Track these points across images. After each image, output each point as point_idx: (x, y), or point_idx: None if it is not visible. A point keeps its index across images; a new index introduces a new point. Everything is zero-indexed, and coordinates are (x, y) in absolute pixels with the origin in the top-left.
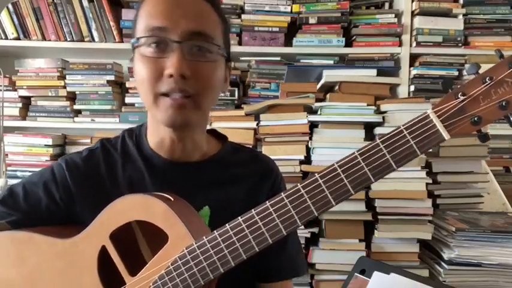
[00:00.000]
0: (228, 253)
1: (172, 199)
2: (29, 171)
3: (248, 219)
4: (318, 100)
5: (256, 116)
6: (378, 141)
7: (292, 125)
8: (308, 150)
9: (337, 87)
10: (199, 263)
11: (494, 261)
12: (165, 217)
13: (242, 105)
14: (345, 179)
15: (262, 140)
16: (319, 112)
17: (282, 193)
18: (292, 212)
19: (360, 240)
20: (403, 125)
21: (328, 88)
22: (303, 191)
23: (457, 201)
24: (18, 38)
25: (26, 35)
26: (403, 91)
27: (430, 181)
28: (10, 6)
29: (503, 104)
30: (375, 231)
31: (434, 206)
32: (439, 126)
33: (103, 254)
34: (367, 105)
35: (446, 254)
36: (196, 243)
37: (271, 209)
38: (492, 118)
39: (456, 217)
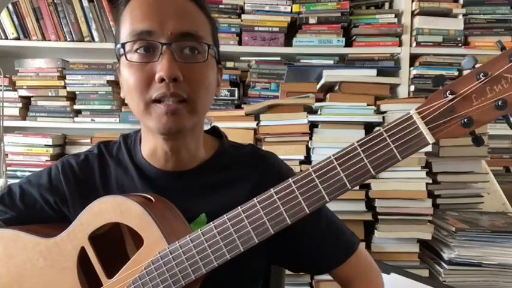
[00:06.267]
0: (199, 259)
1: (154, 200)
2: (29, 171)
3: (220, 224)
4: (318, 100)
5: (256, 116)
6: (356, 144)
7: (292, 125)
8: (308, 150)
9: (337, 87)
10: (171, 268)
11: (494, 261)
12: (141, 220)
13: (242, 105)
14: (319, 185)
15: (262, 140)
16: (319, 112)
17: (255, 198)
18: (265, 218)
19: (360, 240)
20: (383, 127)
21: (328, 88)
22: (275, 197)
23: (457, 201)
24: (18, 38)
25: (26, 35)
26: (403, 91)
27: (430, 181)
28: (10, 6)
29: (500, 103)
30: (375, 231)
31: (434, 206)
32: (423, 129)
33: (84, 254)
34: (367, 105)
35: (446, 254)
36: (168, 248)
37: (243, 215)
38: (486, 119)
39: (456, 217)
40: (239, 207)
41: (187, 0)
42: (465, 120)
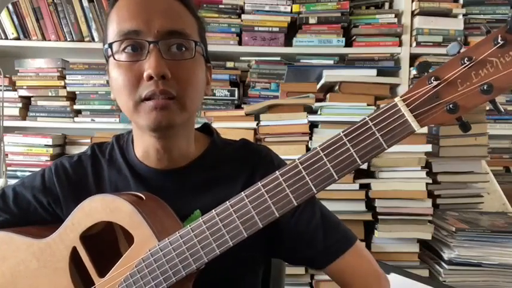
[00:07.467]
0: (189, 255)
1: (145, 198)
2: (29, 171)
3: (209, 219)
4: (318, 100)
5: (256, 116)
6: (341, 134)
7: (292, 125)
8: (308, 150)
9: (337, 87)
10: (162, 265)
11: (494, 261)
12: (131, 218)
13: (242, 105)
14: (306, 177)
15: (262, 140)
16: (319, 112)
17: (243, 192)
18: (253, 212)
19: (360, 240)
20: (368, 116)
21: (328, 88)
22: (263, 190)
23: (457, 201)
24: (18, 38)
25: (26, 35)
26: (403, 91)
27: (430, 181)
28: (10, 6)
29: (485, 87)
30: (375, 231)
31: (434, 206)
32: (408, 116)
33: (77, 254)
34: (367, 105)
35: (446, 254)
36: (159, 245)
37: (231, 209)
38: (472, 104)
39: (456, 217)
40: (227, 201)
41: (174, 0)
42: (450, 106)
